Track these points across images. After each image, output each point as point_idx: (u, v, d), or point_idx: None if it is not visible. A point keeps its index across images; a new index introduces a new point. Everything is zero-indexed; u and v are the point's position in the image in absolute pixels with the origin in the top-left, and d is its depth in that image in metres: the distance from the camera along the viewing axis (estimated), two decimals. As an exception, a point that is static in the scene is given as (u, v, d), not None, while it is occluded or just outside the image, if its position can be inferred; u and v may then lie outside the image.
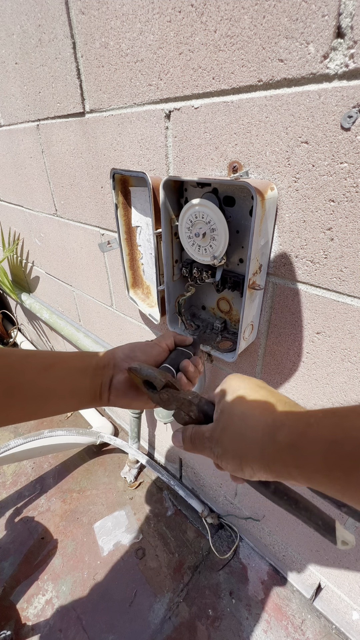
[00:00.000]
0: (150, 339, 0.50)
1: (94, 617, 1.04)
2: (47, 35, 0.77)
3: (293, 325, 0.61)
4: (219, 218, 0.54)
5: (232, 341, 0.69)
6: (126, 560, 1.17)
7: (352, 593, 0.86)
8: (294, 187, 0.50)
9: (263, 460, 0.28)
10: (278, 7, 0.42)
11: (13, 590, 1.12)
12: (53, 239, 1.26)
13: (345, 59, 0.39)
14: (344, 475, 0.22)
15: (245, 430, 0.30)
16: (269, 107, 0.47)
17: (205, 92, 0.54)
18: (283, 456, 0.26)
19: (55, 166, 1.00)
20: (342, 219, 0.47)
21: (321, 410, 0.26)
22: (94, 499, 1.37)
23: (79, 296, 1.33)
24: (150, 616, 1.04)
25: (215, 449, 0.33)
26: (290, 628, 0.99)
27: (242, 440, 0.30)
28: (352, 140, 0.42)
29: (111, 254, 1.00)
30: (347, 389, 0.59)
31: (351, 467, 0.21)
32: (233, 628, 1.00)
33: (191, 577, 1.11)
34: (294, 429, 0.26)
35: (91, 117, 0.78)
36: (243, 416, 0.31)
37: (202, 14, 0.49)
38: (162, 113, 0.62)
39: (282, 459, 0.26)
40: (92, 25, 0.66)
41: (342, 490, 0.23)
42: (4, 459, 1.22)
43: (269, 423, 0.29)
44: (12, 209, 1.43)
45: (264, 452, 0.28)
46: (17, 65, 0.91)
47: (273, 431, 0.28)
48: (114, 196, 0.73)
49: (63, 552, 1.21)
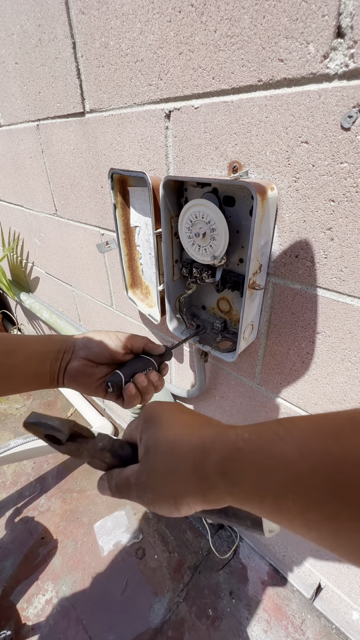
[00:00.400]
0: (150, 338, 0.50)
1: (94, 617, 1.04)
2: (47, 35, 0.77)
3: (293, 326, 0.61)
4: (219, 218, 0.54)
5: (232, 341, 0.69)
6: (126, 560, 1.17)
7: (352, 593, 0.86)
8: (294, 187, 0.50)
9: (199, 493, 0.26)
10: (278, 7, 0.42)
11: (13, 590, 1.12)
12: (53, 239, 1.26)
13: (345, 58, 0.39)
14: (275, 503, 0.21)
15: (176, 465, 0.27)
16: (269, 107, 0.47)
17: (205, 92, 0.54)
18: (216, 485, 0.25)
19: (55, 166, 1.00)
20: (342, 219, 0.47)
21: (247, 429, 0.25)
22: (94, 499, 1.37)
23: (79, 296, 1.33)
24: (150, 616, 1.04)
25: (145, 495, 0.30)
26: (290, 628, 0.99)
27: (173, 477, 0.27)
28: (352, 140, 0.42)
29: (111, 254, 1.00)
30: (347, 389, 0.59)
31: (282, 495, 0.21)
32: (233, 628, 1.00)
33: (191, 577, 1.11)
34: (224, 455, 0.25)
35: (91, 117, 0.78)
36: (170, 449, 0.28)
37: (202, 14, 0.49)
38: (162, 113, 0.62)
39: (216, 488, 0.25)
40: (92, 25, 0.66)
41: (274, 516, 0.22)
42: (4, 459, 1.22)
43: (199, 449, 0.27)
44: (12, 208, 1.43)
45: (197, 483, 0.26)
46: (17, 65, 0.91)
47: (203, 459, 0.26)
48: (112, 196, 0.73)
49: (63, 552, 1.21)
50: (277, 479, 0.21)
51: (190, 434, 0.29)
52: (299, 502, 0.20)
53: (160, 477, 0.28)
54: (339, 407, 0.62)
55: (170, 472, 0.28)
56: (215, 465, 0.25)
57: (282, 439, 0.22)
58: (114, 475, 0.33)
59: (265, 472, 0.22)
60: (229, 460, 0.24)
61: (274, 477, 0.21)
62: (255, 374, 0.74)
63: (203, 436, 0.27)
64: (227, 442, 0.25)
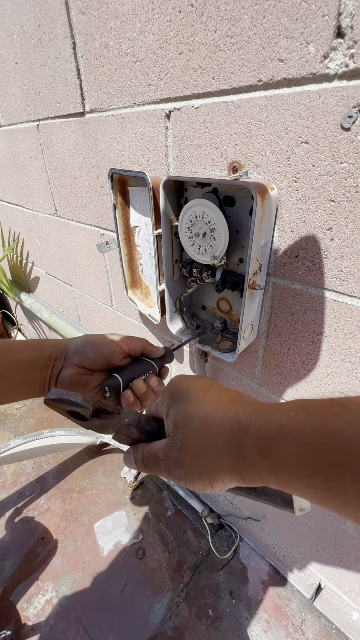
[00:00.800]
0: (150, 339, 0.50)
1: (94, 617, 1.04)
2: (47, 35, 0.77)
3: (293, 326, 0.61)
4: (219, 218, 0.54)
5: (232, 341, 0.69)
6: (126, 560, 1.17)
7: (352, 593, 0.86)
8: (294, 187, 0.50)
9: (235, 470, 0.25)
10: (278, 7, 0.42)
11: (13, 590, 1.12)
12: (53, 239, 1.26)
13: (345, 58, 0.39)
14: (326, 485, 0.20)
15: (209, 442, 0.26)
16: (269, 107, 0.47)
17: (205, 92, 0.54)
18: (255, 463, 0.23)
19: (55, 166, 1.00)
20: (342, 219, 0.47)
21: (292, 405, 0.24)
22: (94, 499, 1.37)
23: (79, 296, 1.33)
24: (150, 616, 1.04)
25: (176, 471, 0.29)
26: (290, 628, 0.99)
27: (206, 454, 0.27)
28: (352, 140, 0.42)
29: (111, 254, 1.00)
30: (347, 389, 0.59)
31: (335, 477, 0.19)
32: (233, 628, 1.00)
33: (191, 577, 1.11)
34: (264, 432, 0.23)
35: (91, 117, 0.78)
36: (203, 425, 0.27)
37: (202, 14, 0.49)
38: (162, 113, 0.62)
39: (255, 466, 0.24)
40: (92, 25, 0.66)
41: (323, 498, 0.21)
42: (4, 459, 1.22)
43: (234, 426, 0.25)
44: (12, 209, 1.43)
45: (233, 461, 0.25)
46: (17, 65, 0.91)
47: (240, 436, 0.25)
48: (112, 196, 0.73)
49: (63, 552, 1.21)
50: (331, 457, 0.20)
51: (223, 409, 0.27)
52: (358, 483, 0.18)
53: (193, 453, 0.27)
54: (339, 407, 0.61)
55: (204, 449, 0.27)
56: (254, 442, 0.23)
57: (339, 416, 0.21)
58: (140, 448, 0.32)
59: (316, 449, 0.20)
60: (270, 437, 0.23)
61: (328, 455, 0.20)
62: (255, 374, 0.74)
63: (238, 412, 0.26)
64: (267, 419, 0.24)
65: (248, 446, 0.24)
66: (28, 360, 0.41)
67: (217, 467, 0.26)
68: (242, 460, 0.24)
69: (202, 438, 0.27)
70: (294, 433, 0.22)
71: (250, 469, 0.24)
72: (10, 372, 0.40)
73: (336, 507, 0.20)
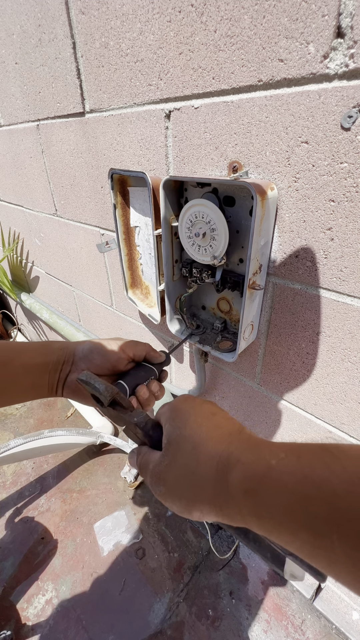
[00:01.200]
0: (150, 339, 0.50)
1: (94, 617, 1.04)
2: (47, 35, 0.77)
3: (293, 326, 0.61)
4: (219, 218, 0.54)
5: (232, 341, 0.69)
6: (126, 560, 1.17)
7: (352, 593, 0.86)
8: (294, 187, 0.50)
9: (215, 503, 0.24)
10: (278, 7, 0.42)
11: (13, 590, 1.12)
12: (53, 239, 1.26)
13: (345, 58, 0.39)
14: (313, 539, 0.18)
15: (196, 468, 0.26)
16: (269, 107, 0.47)
17: (205, 92, 0.54)
18: (238, 501, 0.22)
19: (55, 166, 1.00)
20: (342, 219, 0.47)
21: (282, 446, 0.23)
22: (94, 499, 1.37)
23: (79, 296, 1.33)
24: (150, 616, 1.04)
25: (157, 487, 0.29)
26: (290, 628, 0.99)
27: (191, 479, 0.26)
28: (352, 140, 0.42)
29: (111, 254, 1.00)
30: (347, 389, 0.59)
31: (323, 533, 0.18)
32: (233, 628, 1.00)
33: (191, 577, 1.11)
34: (252, 470, 0.22)
35: (91, 117, 0.78)
36: (194, 449, 0.27)
37: (202, 14, 0.49)
38: (162, 113, 0.62)
39: (237, 505, 0.22)
40: (92, 25, 0.66)
41: (310, 556, 0.19)
42: (4, 459, 1.22)
43: (224, 458, 0.25)
44: (12, 209, 1.43)
45: (216, 493, 0.24)
46: (17, 65, 0.91)
47: (226, 469, 0.24)
48: (112, 196, 0.73)
49: (63, 552, 1.21)
50: (319, 510, 0.18)
51: (218, 438, 0.27)
52: (348, 543, 0.17)
53: (177, 474, 0.27)
54: (339, 407, 0.62)
55: (188, 472, 0.26)
56: (240, 481, 0.22)
57: (328, 466, 0.19)
58: (142, 453, 0.33)
59: (305, 500, 0.19)
60: (257, 477, 0.21)
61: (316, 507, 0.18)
62: (255, 374, 0.74)
63: (231, 445, 0.25)
64: (258, 458, 0.23)
65: (233, 481, 0.23)
66: (37, 365, 0.42)
67: (198, 495, 0.25)
68: (225, 494, 0.23)
69: (190, 461, 0.27)
70: (282, 476, 0.21)
71: (231, 505, 0.23)
72: (21, 377, 0.41)
73: (324, 568, 0.19)
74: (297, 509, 0.19)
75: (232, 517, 0.23)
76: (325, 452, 0.20)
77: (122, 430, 0.38)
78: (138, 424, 0.34)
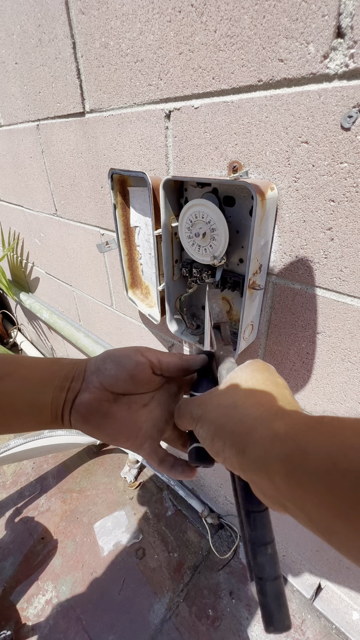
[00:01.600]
0: (150, 339, 0.50)
1: (94, 617, 1.04)
2: (47, 35, 0.77)
3: (293, 326, 0.61)
4: (219, 218, 0.54)
5: (232, 341, 0.69)
6: (126, 561, 1.17)
7: (352, 593, 0.86)
8: (294, 187, 0.50)
9: (239, 437, 0.23)
10: (278, 7, 0.42)
11: (13, 590, 1.12)
12: (53, 239, 1.26)
13: (345, 58, 0.39)
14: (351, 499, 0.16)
15: (243, 402, 0.25)
16: (269, 107, 0.47)
17: (205, 92, 0.54)
18: (274, 446, 0.20)
19: (55, 166, 1.00)
20: (342, 219, 0.47)
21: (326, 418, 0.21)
22: (94, 499, 1.37)
23: (79, 296, 1.33)
24: (150, 616, 1.04)
25: (196, 410, 0.28)
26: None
27: (229, 409, 0.25)
28: (352, 140, 0.42)
29: (111, 254, 1.00)
30: (347, 389, 0.59)
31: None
32: (233, 628, 1.00)
33: (191, 577, 1.11)
34: (301, 420, 0.21)
35: (91, 117, 0.78)
36: (250, 393, 0.26)
37: (202, 14, 0.49)
38: (162, 113, 0.62)
39: (265, 448, 0.21)
40: (92, 25, 0.66)
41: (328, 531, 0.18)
42: (4, 459, 1.22)
43: (273, 410, 0.24)
44: (12, 209, 1.43)
45: (251, 429, 0.23)
46: (17, 65, 0.91)
47: (272, 417, 0.23)
48: (112, 196, 0.73)
49: (63, 552, 1.21)
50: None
51: (277, 399, 0.26)
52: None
53: (220, 402, 0.27)
54: (339, 407, 0.62)
55: (231, 404, 0.26)
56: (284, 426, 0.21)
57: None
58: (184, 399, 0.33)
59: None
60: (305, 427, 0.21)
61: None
62: (255, 374, 0.74)
63: (286, 403, 0.25)
64: (309, 416, 0.22)
65: (276, 427, 0.22)
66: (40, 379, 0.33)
67: (228, 424, 0.25)
68: (257, 434, 0.22)
69: (238, 398, 0.26)
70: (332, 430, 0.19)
71: (259, 447, 0.21)
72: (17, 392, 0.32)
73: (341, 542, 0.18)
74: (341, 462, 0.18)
75: (251, 463, 0.22)
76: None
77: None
78: (217, 357, 0.33)
